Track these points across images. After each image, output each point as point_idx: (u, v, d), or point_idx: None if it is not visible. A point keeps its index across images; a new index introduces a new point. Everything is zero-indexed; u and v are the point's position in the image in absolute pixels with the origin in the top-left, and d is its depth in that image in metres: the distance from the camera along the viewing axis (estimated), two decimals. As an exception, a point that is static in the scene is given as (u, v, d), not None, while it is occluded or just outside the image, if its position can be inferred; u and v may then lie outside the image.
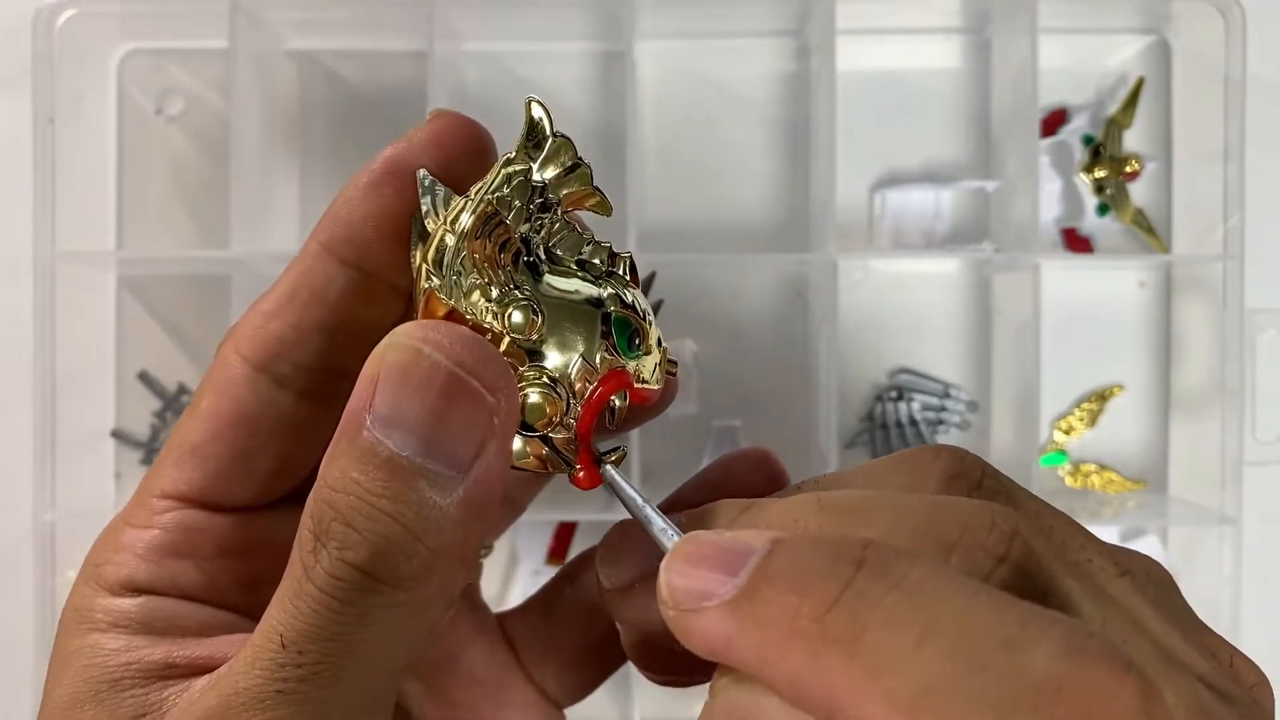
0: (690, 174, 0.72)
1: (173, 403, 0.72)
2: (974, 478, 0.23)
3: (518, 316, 0.24)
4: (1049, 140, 0.72)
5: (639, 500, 0.24)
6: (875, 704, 0.17)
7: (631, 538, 0.25)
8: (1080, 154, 0.71)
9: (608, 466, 0.25)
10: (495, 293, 0.24)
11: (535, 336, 0.24)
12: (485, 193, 0.25)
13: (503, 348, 0.24)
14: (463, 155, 0.26)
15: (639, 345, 0.26)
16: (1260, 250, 0.66)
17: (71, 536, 0.67)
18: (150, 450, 0.72)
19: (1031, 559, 0.20)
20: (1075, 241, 0.72)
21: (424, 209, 0.25)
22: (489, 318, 0.24)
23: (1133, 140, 0.71)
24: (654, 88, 0.72)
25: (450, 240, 0.24)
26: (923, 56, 0.73)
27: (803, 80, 0.72)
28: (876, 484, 0.23)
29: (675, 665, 0.26)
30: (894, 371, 0.72)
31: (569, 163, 0.26)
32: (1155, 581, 0.22)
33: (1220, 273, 0.66)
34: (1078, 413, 0.72)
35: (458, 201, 0.25)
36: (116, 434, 0.72)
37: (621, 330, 0.25)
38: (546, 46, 0.72)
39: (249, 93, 0.67)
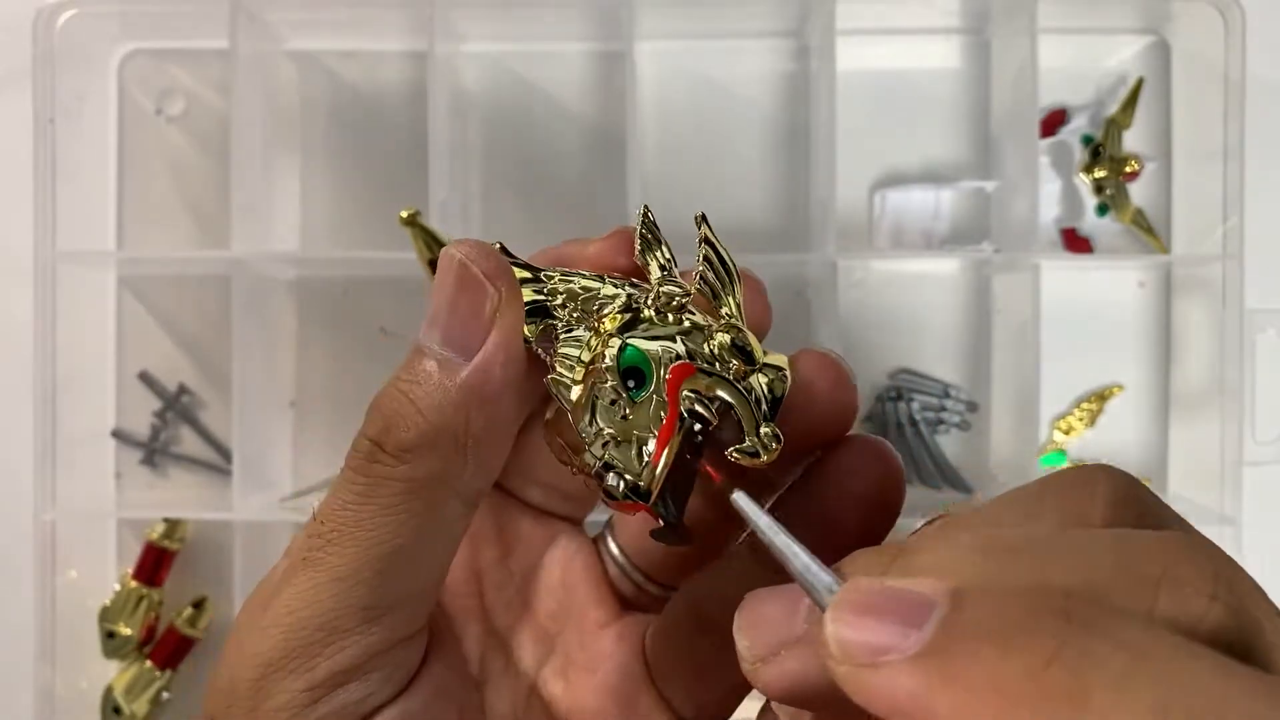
0: (690, 174, 0.72)
1: (173, 403, 0.72)
2: (1144, 502, 0.21)
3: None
4: (1049, 140, 0.72)
5: (780, 534, 0.22)
6: None
7: (768, 601, 0.23)
8: (1080, 154, 0.71)
9: (739, 493, 0.24)
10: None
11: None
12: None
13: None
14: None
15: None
16: (1260, 250, 0.66)
17: (71, 536, 0.67)
18: (151, 450, 0.72)
19: (1234, 598, 0.18)
20: (1075, 241, 0.72)
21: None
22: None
23: (1132, 140, 0.71)
24: (654, 88, 0.72)
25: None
26: (923, 56, 0.72)
27: (802, 81, 0.72)
28: (1034, 517, 0.21)
29: None
30: (894, 372, 0.72)
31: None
32: None
33: (1220, 273, 0.66)
34: (1077, 413, 0.72)
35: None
36: (116, 434, 0.72)
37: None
38: (546, 46, 0.72)
39: (249, 93, 0.67)
